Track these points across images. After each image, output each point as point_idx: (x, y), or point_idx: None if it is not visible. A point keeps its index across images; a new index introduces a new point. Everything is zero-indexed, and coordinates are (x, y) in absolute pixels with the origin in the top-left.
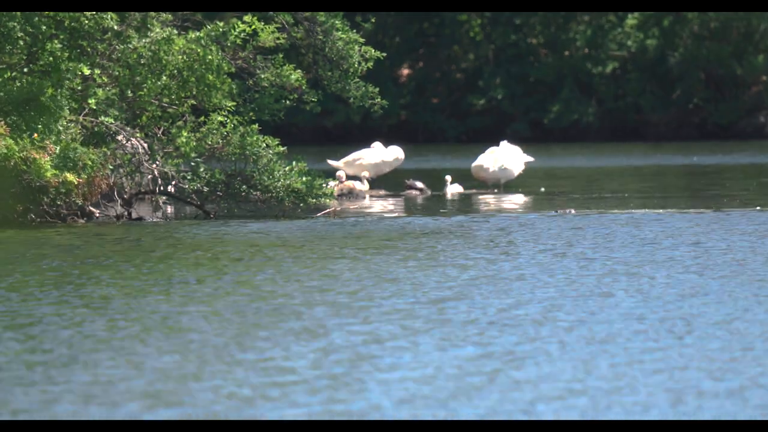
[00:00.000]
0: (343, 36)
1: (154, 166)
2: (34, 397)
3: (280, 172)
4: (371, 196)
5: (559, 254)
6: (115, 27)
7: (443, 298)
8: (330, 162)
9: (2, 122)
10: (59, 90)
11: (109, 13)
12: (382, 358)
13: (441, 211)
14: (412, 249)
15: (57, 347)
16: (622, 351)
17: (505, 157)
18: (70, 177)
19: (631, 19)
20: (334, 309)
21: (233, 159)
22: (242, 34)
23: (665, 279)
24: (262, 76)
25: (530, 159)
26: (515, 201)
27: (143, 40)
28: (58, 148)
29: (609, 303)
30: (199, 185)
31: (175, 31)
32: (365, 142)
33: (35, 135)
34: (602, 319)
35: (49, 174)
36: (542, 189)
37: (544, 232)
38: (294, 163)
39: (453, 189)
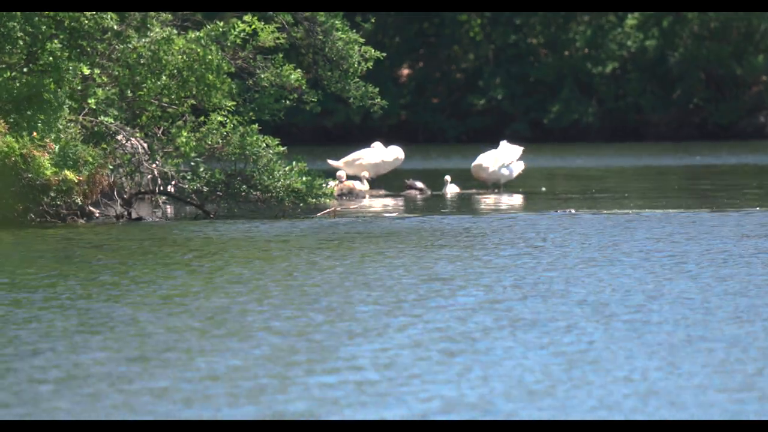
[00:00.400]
0: (343, 36)
1: (154, 166)
2: (121, 397)
3: (280, 172)
4: (371, 196)
5: (587, 253)
6: (115, 27)
7: (499, 299)
8: (330, 162)
9: (1, 121)
10: (60, 90)
11: (109, 13)
12: (449, 357)
13: (443, 210)
14: (449, 248)
15: (126, 346)
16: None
17: (505, 157)
18: (70, 175)
19: (631, 19)
20: (389, 307)
21: (233, 159)
22: (242, 34)
23: (713, 277)
24: (262, 76)
25: (520, 148)
26: (519, 200)
27: (143, 40)
28: (57, 146)
29: (660, 303)
30: (199, 185)
31: (175, 31)
32: (365, 142)
33: (35, 133)
34: (659, 319)
35: (48, 172)
36: (543, 189)
37: (556, 231)
38: (294, 163)
39: (450, 189)
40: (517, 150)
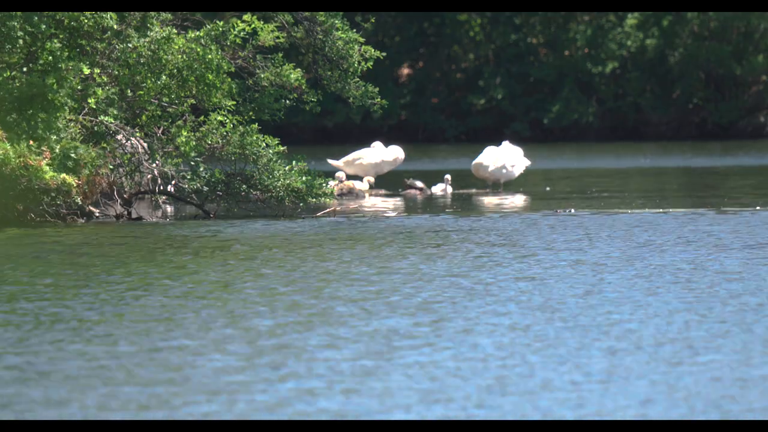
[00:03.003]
0: (343, 36)
1: (154, 165)
2: (221, 398)
3: (280, 172)
4: (371, 196)
5: (630, 252)
6: (115, 26)
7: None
8: (330, 162)
9: None
10: (62, 90)
11: (108, 12)
12: (543, 360)
13: (447, 210)
14: (491, 248)
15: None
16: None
17: (507, 156)
18: (69, 179)
19: (631, 19)
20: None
21: (233, 159)
22: (242, 34)
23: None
24: (262, 75)
25: (528, 162)
26: (521, 200)
27: (143, 40)
28: (57, 147)
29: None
30: (198, 185)
31: (175, 31)
32: (365, 142)
33: (32, 141)
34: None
35: (47, 176)
36: (548, 188)
37: (572, 231)
38: (294, 162)
39: (440, 187)
40: (519, 152)
